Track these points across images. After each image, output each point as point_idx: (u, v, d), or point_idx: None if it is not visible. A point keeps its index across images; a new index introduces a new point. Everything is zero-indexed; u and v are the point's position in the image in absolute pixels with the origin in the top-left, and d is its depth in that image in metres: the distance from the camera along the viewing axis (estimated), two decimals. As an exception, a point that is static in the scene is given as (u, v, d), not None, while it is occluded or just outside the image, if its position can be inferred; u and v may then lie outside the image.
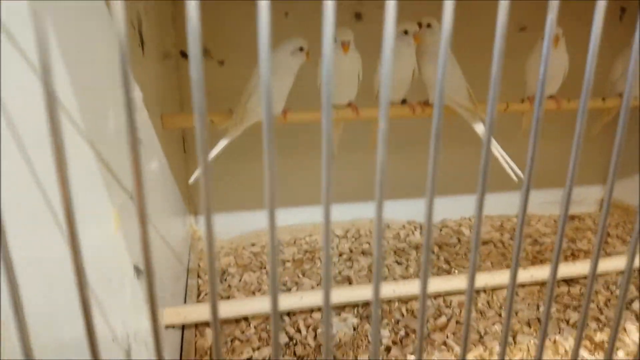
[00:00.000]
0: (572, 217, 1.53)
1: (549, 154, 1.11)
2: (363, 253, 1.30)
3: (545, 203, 1.53)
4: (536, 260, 1.26)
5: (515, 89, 0.97)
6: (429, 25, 0.87)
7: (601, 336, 0.94)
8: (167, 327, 0.67)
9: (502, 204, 1.52)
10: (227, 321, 0.98)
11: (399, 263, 1.24)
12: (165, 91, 1.04)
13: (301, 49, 0.80)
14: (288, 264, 1.24)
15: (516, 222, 1.14)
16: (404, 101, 0.92)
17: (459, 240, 1.38)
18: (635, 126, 1.50)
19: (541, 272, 1.01)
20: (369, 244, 1.35)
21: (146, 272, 0.26)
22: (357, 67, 0.85)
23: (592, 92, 0.40)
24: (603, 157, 1.57)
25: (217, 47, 1.22)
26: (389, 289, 0.96)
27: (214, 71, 1.24)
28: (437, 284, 0.97)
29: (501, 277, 0.99)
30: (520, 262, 1.25)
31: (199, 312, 0.82)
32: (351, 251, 1.31)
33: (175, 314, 0.65)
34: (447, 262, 1.25)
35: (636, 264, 1.02)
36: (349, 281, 1.15)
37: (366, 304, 1.04)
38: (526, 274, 1.03)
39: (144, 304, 0.51)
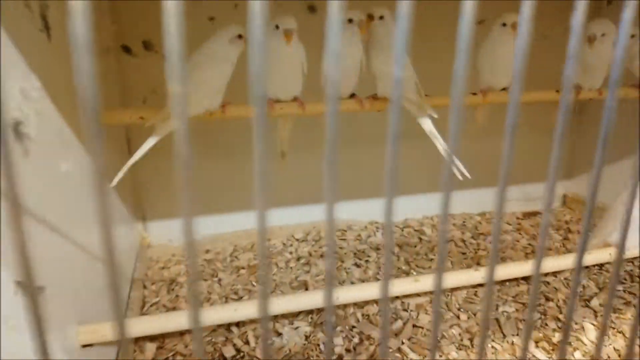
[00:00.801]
0: (535, 214, 1.52)
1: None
2: (322, 256, 1.25)
3: (507, 200, 1.51)
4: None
5: (468, 81, 0.94)
6: (381, 17, 0.82)
7: (560, 336, 0.91)
8: (84, 346, 0.60)
9: (464, 202, 1.50)
10: (170, 334, 0.91)
11: (357, 266, 1.19)
12: (102, 87, 0.96)
13: (240, 37, 0.75)
14: (243, 271, 1.18)
15: (479, 220, 1.09)
16: (352, 95, 0.88)
17: (420, 239, 1.34)
18: (592, 121, 1.51)
19: (499, 272, 0.98)
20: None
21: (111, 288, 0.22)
22: (301, 59, 0.80)
23: (546, 85, 0.37)
24: (566, 152, 1.57)
25: (162, 40, 1.15)
26: (345, 295, 0.90)
27: (159, 65, 1.17)
28: (395, 287, 0.92)
29: (459, 277, 0.95)
30: (480, 260, 1.22)
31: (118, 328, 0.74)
32: (310, 255, 1.26)
33: (90, 331, 0.58)
34: (407, 262, 1.21)
35: (597, 259, 1.00)
36: (305, 286, 1.10)
37: (321, 310, 0.99)
38: (482, 274, 0.99)
39: (31, 324, 0.44)
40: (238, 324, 0.95)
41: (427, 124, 0.81)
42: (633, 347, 0.47)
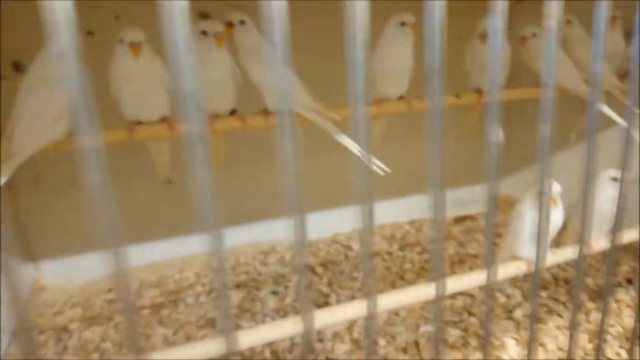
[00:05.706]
0: (465, 218, 1.47)
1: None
2: (238, 286, 1.14)
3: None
4: (423, 271, 1.17)
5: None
6: (242, 22, 0.74)
7: (480, 355, 0.85)
8: None
9: (394, 211, 1.44)
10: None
11: (275, 293, 1.10)
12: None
13: None
14: (145, 311, 1.06)
15: (408, 229, 1.01)
16: (233, 112, 0.79)
17: (347, 256, 1.26)
18: (520, 121, 1.48)
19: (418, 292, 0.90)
20: (248, 273, 1.20)
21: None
22: (159, 73, 0.70)
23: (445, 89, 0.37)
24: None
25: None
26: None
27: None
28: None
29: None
30: (404, 275, 1.15)
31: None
32: (224, 285, 1.15)
33: None
34: (330, 283, 1.12)
35: (507, 274, 0.95)
36: (212, 325, 0.99)
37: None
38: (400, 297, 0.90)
39: None
40: (126, 379, 0.83)
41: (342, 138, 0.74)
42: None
